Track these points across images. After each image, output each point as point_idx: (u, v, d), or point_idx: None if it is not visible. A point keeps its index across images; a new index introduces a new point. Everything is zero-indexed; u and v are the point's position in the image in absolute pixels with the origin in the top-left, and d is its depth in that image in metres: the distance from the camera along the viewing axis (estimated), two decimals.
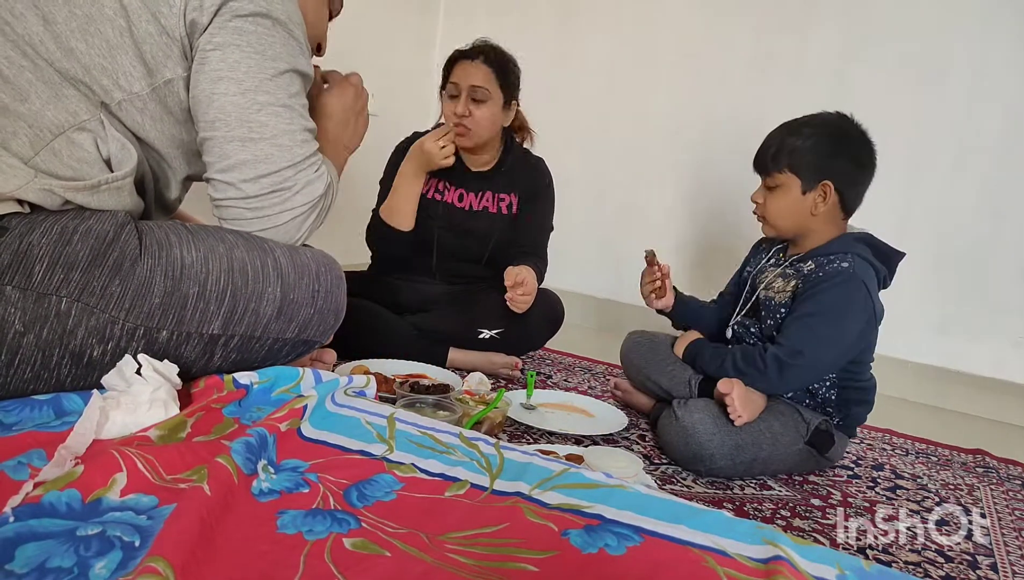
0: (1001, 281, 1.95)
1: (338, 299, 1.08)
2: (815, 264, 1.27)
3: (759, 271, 1.40)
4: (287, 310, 1.00)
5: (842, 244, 1.28)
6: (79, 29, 0.87)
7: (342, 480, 0.78)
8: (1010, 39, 1.91)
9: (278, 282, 0.98)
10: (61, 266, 0.81)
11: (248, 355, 1.00)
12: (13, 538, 0.56)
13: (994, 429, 1.85)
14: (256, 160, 0.96)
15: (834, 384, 1.28)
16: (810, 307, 1.22)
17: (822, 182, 1.26)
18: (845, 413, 1.30)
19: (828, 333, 1.21)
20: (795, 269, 1.31)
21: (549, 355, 1.95)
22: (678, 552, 0.69)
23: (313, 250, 1.07)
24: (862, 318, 1.22)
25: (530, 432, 1.31)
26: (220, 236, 0.96)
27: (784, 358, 1.21)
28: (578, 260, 2.59)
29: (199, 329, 0.92)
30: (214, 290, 0.92)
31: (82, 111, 0.87)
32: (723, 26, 2.32)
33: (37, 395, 0.85)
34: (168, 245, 0.90)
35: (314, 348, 1.10)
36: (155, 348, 0.90)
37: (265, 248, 0.99)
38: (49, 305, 0.81)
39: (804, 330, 1.22)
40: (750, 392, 1.22)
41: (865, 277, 1.23)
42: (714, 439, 1.18)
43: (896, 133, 2.06)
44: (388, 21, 2.59)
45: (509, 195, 1.79)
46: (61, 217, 0.83)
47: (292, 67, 0.99)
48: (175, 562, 0.54)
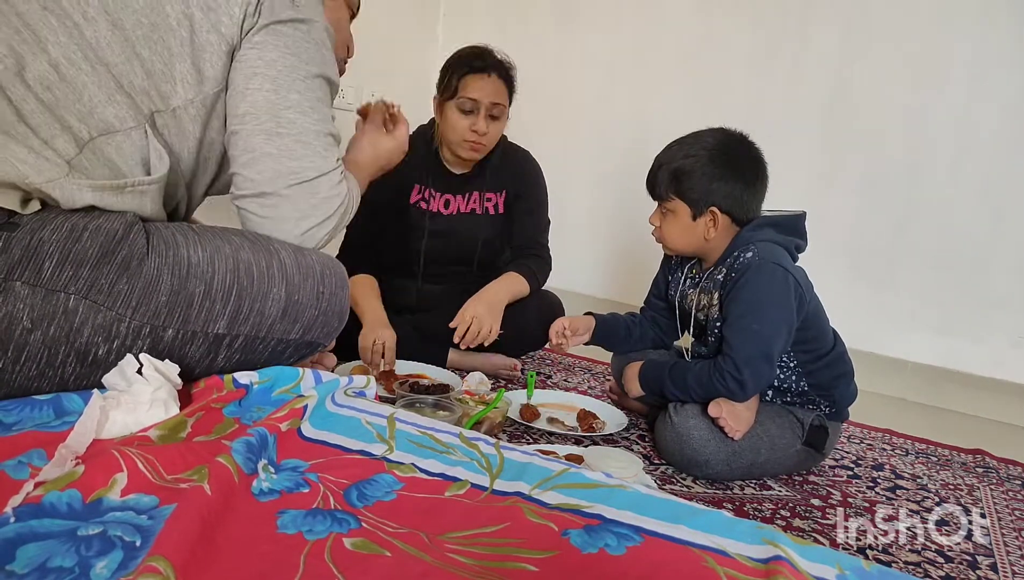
0: (1000, 281, 1.95)
1: (342, 301, 1.08)
2: (725, 268, 1.27)
3: (681, 295, 1.39)
4: (292, 311, 1.00)
5: (740, 240, 1.27)
6: (144, 37, 0.90)
7: (342, 480, 0.78)
8: (1009, 39, 1.91)
9: (283, 283, 0.98)
10: (71, 263, 0.81)
11: (252, 356, 1.00)
12: (14, 538, 0.56)
13: (994, 429, 1.85)
14: (280, 154, 0.98)
15: (801, 375, 1.27)
16: (736, 309, 1.21)
17: (709, 208, 1.25)
18: (830, 397, 1.28)
19: (763, 325, 1.19)
20: (711, 281, 1.30)
21: (549, 355, 1.96)
22: (678, 552, 0.69)
23: (317, 252, 1.07)
24: (788, 295, 1.20)
25: (530, 432, 1.31)
26: (226, 237, 0.96)
27: (731, 368, 1.18)
28: (578, 260, 2.59)
29: (204, 328, 0.92)
30: (220, 289, 0.92)
31: (129, 118, 0.90)
32: (723, 26, 2.32)
33: (39, 392, 0.85)
34: (175, 244, 0.91)
35: (317, 350, 1.10)
36: (160, 347, 0.90)
37: (271, 249, 0.99)
38: (57, 302, 0.81)
39: (741, 333, 1.20)
40: (735, 406, 1.20)
41: (772, 257, 1.22)
42: (709, 445, 1.18)
43: (896, 133, 2.07)
44: (388, 21, 2.59)
45: (496, 194, 1.77)
46: (71, 214, 0.84)
47: (323, 73, 1.01)
48: (176, 562, 0.54)
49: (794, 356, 1.26)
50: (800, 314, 1.22)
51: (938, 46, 1.99)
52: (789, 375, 1.27)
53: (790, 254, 1.27)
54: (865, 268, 2.07)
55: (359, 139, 1.24)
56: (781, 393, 1.29)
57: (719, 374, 1.19)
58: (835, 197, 2.12)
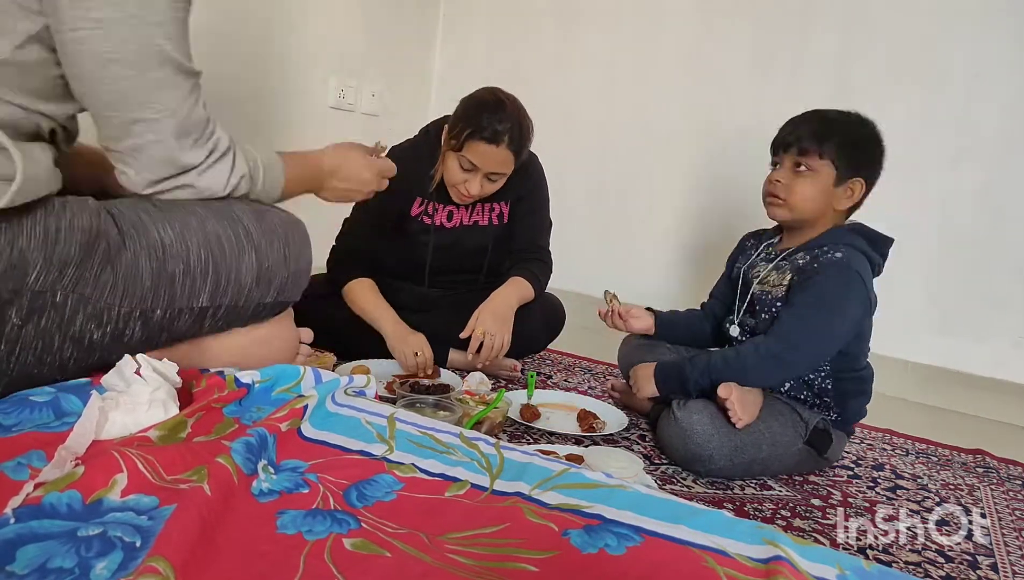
0: (1001, 280, 1.95)
1: (307, 258, 1.11)
2: (809, 256, 1.26)
3: (750, 266, 1.39)
4: (265, 275, 1.03)
5: (835, 236, 1.27)
6: None
7: (342, 480, 0.78)
8: (1008, 39, 1.91)
9: (252, 250, 1.00)
10: (55, 265, 0.82)
11: (234, 320, 1.04)
12: (14, 539, 0.56)
13: (994, 429, 1.85)
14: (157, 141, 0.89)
15: (829, 374, 1.27)
16: (806, 297, 1.22)
17: (855, 178, 1.26)
18: (843, 406, 1.29)
19: (822, 324, 1.20)
20: (789, 262, 1.30)
21: (549, 355, 1.96)
22: (678, 552, 0.69)
23: (278, 213, 1.07)
24: (858, 308, 1.22)
25: (530, 432, 1.31)
26: (189, 209, 0.96)
27: (777, 351, 1.20)
28: (578, 260, 2.59)
29: (189, 304, 0.96)
30: (197, 265, 0.95)
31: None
32: (723, 26, 2.32)
33: (41, 378, 0.86)
34: (144, 226, 0.91)
35: (288, 306, 1.12)
36: (151, 326, 0.93)
37: (232, 216, 1.00)
38: (44, 300, 0.82)
39: (797, 321, 1.21)
40: (747, 393, 1.21)
41: (860, 267, 1.22)
42: (712, 440, 1.18)
43: (896, 133, 2.05)
44: (388, 21, 2.59)
45: (500, 204, 1.74)
46: (37, 216, 0.80)
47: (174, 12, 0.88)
48: (176, 562, 0.54)
49: (830, 361, 1.27)
50: (853, 334, 1.24)
51: (938, 46, 1.99)
52: (819, 372, 1.28)
53: (872, 270, 1.27)
54: None
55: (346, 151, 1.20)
56: (800, 386, 1.29)
57: (756, 346, 1.22)
58: None
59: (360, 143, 1.26)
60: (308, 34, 2.27)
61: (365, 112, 2.53)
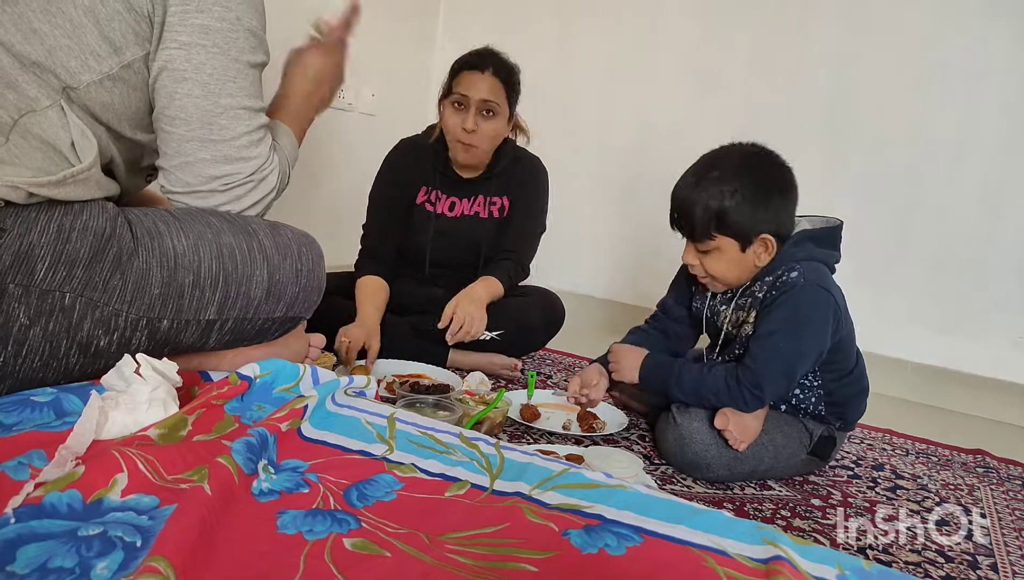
0: (1000, 281, 1.95)
1: (319, 276, 1.11)
2: (766, 286, 1.21)
3: (711, 309, 1.33)
4: (275, 291, 1.03)
5: (783, 257, 1.19)
6: (41, 10, 0.83)
7: (342, 480, 0.78)
8: (1009, 39, 1.91)
9: (264, 265, 1.01)
10: (63, 264, 0.82)
11: (241, 335, 1.04)
12: (14, 539, 0.56)
13: (994, 429, 1.85)
14: (214, 160, 0.97)
15: (821, 398, 1.25)
16: (769, 325, 1.17)
17: (760, 237, 1.17)
18: (844, 411, 1.28)
19: (792, 347, 1.16)
20: (749, 298, 1.24)
21: (549, 355, 1.96)
22: (678, 552, 0.69)
23: (292, 229, 1.09)
24: (827, 319, 1.17)
25: (530, 432, 1.31)
26: (205, 220, 0.97)
27: (754, 387, 1.16)
28: (578, 260, 2.59)
29: (196, 316, 0.95)
30: (207, 277, 0.95)
31: (43, 97, 0.83)
32: (723, 26, 2.32)
33: (45, 383, 0.86)
34: (159, 234, 0.92)
35: (298, 323, 1.13)
36: (158, 336, 0.93)
37: (249, 230, 1.01)
38: (53, 300, 0.82)
39: (768, 350, 1.16)
40: (744, 415, 1.19)
41: (818, 279, 1.18)
42: (711, 449, 1.17)
43: (896, 133, 2.07)
44: (388, 21, 2.59)
45: (501, 198, 1.78)
46: (54, 214, 0.83)
47: (253, 60, 0.99)
48: (176, 562, 0.54)
49: (819, 376, 1.24)
50: (834, 338, 1.20)
51: (938, 46, 1.99)
52: (809, 396, 1.26)
53: (830, 270, 1.23)
54: (865, 268, 2.07)
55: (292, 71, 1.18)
56: (796, 410, 1.27)
57: (736, 384, 1.17)
58: (835, 197, 2.11)
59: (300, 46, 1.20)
60: None
61: (364, 112, 2.53)
